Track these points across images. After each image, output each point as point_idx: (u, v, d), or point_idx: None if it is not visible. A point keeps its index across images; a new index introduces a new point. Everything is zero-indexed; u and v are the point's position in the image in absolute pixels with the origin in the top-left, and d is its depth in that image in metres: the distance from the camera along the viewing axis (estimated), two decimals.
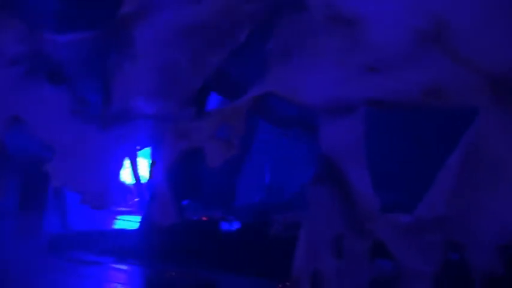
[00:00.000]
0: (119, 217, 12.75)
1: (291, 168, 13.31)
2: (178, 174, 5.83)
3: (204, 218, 9.10)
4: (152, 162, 6.20)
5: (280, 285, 6.06)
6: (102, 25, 6.06)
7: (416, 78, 4.84)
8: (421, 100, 4.85)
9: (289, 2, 5.34)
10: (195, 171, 9.91)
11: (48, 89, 6.08)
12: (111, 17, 5.97)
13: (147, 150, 8.23)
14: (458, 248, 4.84)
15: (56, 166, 5.96)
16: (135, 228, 9.96)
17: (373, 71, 4.96)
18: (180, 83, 5.76)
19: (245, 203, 12.45)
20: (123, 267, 8.08)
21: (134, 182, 8.77)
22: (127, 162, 6.38)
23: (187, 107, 5.73)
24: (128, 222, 11.96)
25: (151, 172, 6.75)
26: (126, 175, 7.01)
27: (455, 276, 4.99)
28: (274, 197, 12.71)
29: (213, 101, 9.94)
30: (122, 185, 6.17)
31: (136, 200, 11.48)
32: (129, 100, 5.83)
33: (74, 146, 6.01)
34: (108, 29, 5.95)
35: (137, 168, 7.32)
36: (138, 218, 10.35)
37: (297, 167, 12.95)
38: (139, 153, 6.76)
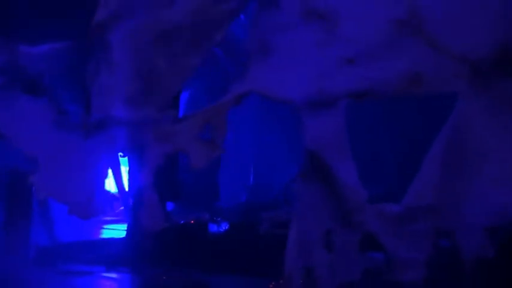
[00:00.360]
0: (105, 226, 12.68)
1: (275, 166, 13.30)
2: (160, 178, 5.79)
3: (192, 221, 9.06)
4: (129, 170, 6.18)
5: (272, 283, 6.04)
6: (77, 34, 6.02)
7: (396, 67, 4.86)
8: (402, 89, 4.88)
9: None
10: (174, 174, 9.86)
11: (27, 101, 6.03)
12: (85, 26, 5.93)
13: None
14: (447, 234, 4.85)
15: (41, 178, 5.91)
16: (122, 236, 9.90)
17: (352, 63, 4.97)
18: (159, 86, 5.73)
19: (231, 203, 12.40)
20: (114, 275, 8.02)
21: (118, 189, 8.71)
22: (110, 170, 6.34)
23: (168, 110, 5.70)
24: (115, 230, 11.89)
25: (130, 179, 6.70)
26: (109, 183, 6.96)
27: (447, 263, 5.01)
28: (260, 196, 12.68)
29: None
30: (107, 193, 6.12)
31: (121, 208, 11.43)
32: (109, 107, 5.80)
33: (57, 156, 5.96)
34: (83, 37, 5.90)
35: (121, 176, 7.28)
36: (124, 226, 10.29)
37: (280, 165, 12.95)
38: (121, 160, 6.72)
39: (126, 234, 9.28)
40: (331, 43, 5.04)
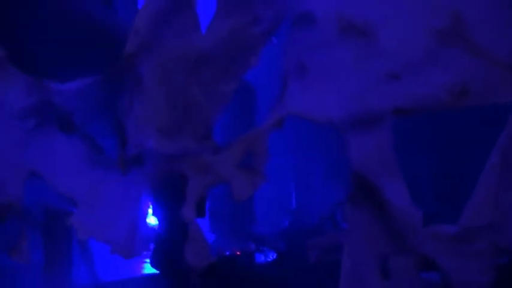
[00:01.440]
0: (147, 260, 12.65)
1: (315, 188, 13.21)
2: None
3: (238, 252, 8.97)
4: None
5: None
6: (107, 68, 6.03)
7: (442, 79, 4.75)
8: (450, 102, 4.76)
9: (298, 17, 5.28)
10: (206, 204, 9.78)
11: (61, 139, 6.05)
12: (115, 59, 5.94)
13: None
14: (507, 251, 4.73)
15: (80, 218, 5.92)
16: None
17: (394, 78, 4.87)
18: (195, 116, 5.70)
19: (272, 229, 12.31)
20: None
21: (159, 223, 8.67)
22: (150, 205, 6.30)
23: (206, 140, 5.65)
24: None
25: (166, 213, 6.59)
26: (150, 218, 6.92)
27: (508, 281, 4.87)
28: (303, 221, 12.58)
29: None
30: (150, 229, 6.09)
31: None
32: (146, 141, 5.78)
33: (95, 194, 5.96)
34: (114, 70, 5.91)
35: (161, 209, 7.20)
36: None
37: (320, 187, 12.86)
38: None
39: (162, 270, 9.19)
40: (371, 58, 4.96)
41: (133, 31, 5.70)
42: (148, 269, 12.13)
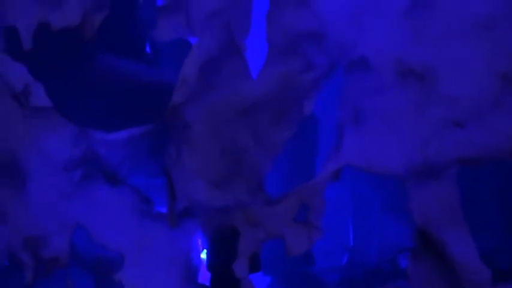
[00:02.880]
0: None
1: (372, 226, 12.99)
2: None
3: None
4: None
5: None
6: (153, 118, 6.02)
7: (509, 126, 4.59)
8: None
9: (353, 62, 5.19)
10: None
11: (108, 190, 6.04)
12: (161, 109, 5.93)
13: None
14: None
15: (127, 273, 5.87)
16: None
17: (458, 125, 4.73)
18: (246, 165, 5.61)
19: (328, 264, 12.11)
20: None
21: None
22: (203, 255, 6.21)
23: (257, 192, 5.54)
24: None
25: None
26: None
27: None
28: (362, 259, 12.36)
29: None
30: (201, 284, 5.98)
31: None
32: (195, 192, 5.70)
33: (143, 248, 5.92)
34: (161, 120, 5.90)
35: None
36: None
37: (378, 225, 12.65)
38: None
39: None
40: (432, 104, 4.85)
41: (180, 80, 5.69)
42: None
